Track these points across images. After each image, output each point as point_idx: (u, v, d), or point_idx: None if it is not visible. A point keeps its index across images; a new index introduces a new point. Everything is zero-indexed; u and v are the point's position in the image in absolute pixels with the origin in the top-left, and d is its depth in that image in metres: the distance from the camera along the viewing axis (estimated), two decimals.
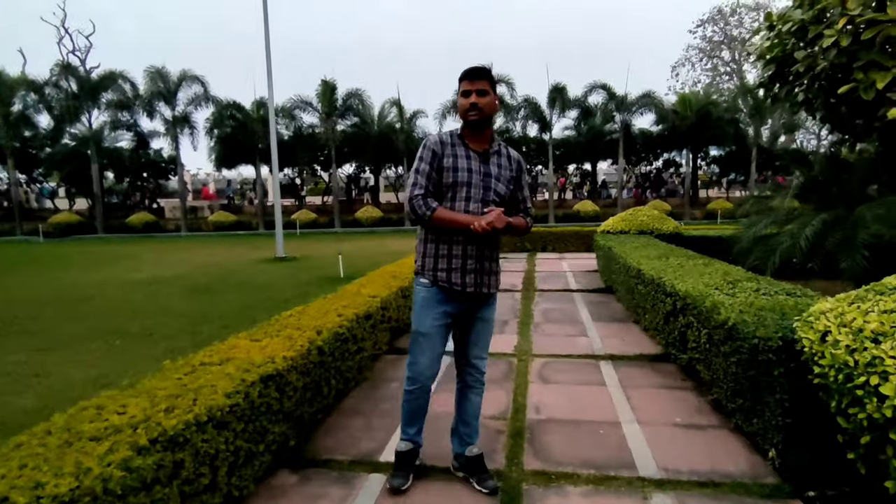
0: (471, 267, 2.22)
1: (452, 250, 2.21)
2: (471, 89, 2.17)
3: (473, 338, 2.38)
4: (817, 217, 4.67)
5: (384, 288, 4.70)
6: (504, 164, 2.30)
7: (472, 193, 2.20)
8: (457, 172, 2.20)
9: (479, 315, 2.36)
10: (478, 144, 2.26)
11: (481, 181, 2.22)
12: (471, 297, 2.27)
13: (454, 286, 2.22)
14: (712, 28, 32.54)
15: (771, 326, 2.46)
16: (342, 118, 23.92)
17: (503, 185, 2.26)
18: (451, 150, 2.23)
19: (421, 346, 2.31)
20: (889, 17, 3.87)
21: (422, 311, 2.29)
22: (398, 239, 17.68)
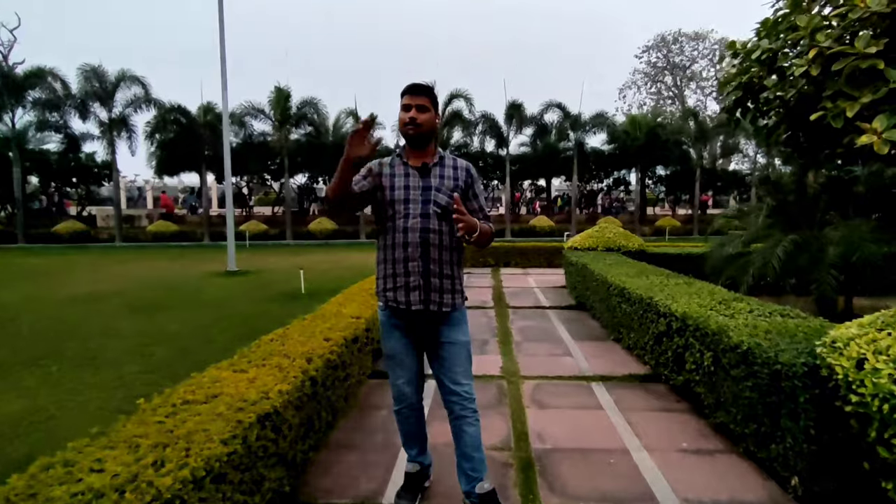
0: (414, 283, 2.13)
1: (396, 268, 2.16)
2: (411, 104, 2.13)
3: (446, 364, 2.25)
4: (787, 238, 4.87)
5: (365, 307, 4.43)
6: (448, 175, 2.22)
7: (411, 209, 2.15)
8: (393, 191, 2.17)
9: (443, 338, 2.22)
10: (417, 160, 2.21)
11: (420, 195, 2.16)
12: (421, 316, 2.17)
13: (400, 305, 2.16)
14: (656, 54, 34.59)
15: (789, 351, 2.44)
16: (296, 127, 23.23)
17: (444, 195, 2.16)
18: (390, 171, 2.21)
19: (393, 369, 2.32)
20: (856, 50, 4.09)
21: (384, 335, 2.31)
22: (354, 252, 17.23)
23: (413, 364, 2.31)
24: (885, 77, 4.06)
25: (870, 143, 4.08)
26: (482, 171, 24.85)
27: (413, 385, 2.33)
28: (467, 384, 2.26)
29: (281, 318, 7.06)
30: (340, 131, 24.19)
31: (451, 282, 2.21)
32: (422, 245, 2.13)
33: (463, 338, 2.27)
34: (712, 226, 6.70)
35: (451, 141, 22.79)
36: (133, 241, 22.52)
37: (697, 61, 33.81)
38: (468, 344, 2.30)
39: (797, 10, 4.75)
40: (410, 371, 2.31)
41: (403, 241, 2.14)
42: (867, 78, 4.23)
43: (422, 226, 2.14)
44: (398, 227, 2.16)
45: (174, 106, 22.51)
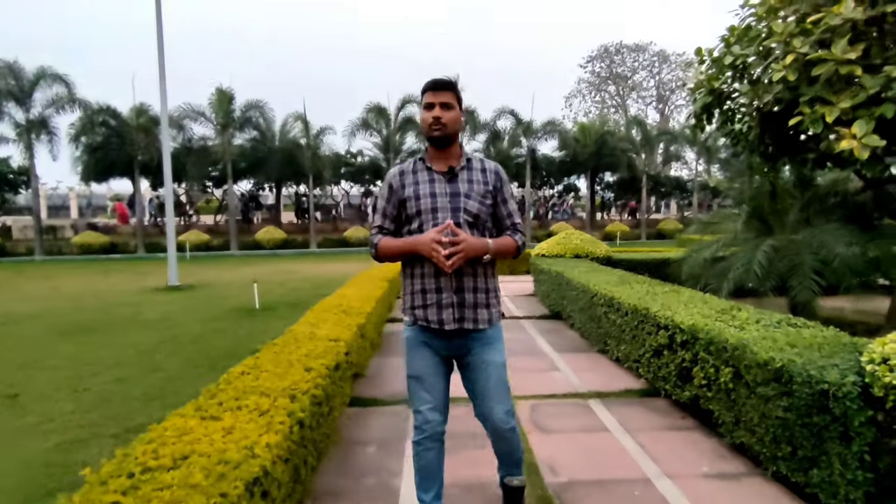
0: (446, 300, 1.96)
1: (425, 283, 1.99)
2: (434, 102, 1.95)
3: (479, 388, 2.07)
4: (766, 243, 4.88)
5: (341, 327, 3.98)
6: (476, 179, 2.03)
7: (439, 218, 1.96)
8: (419, 200, 1.99)
9: (477, 357, 2.04)
10: (442, 164, 2.03)
11: (449, 202, 1.98)
12: (455, 335, 2.00)
13: (431, 324, 1.99)
14: (600, 64, 35.82)
15: (830, 369, 2.28)
16: (240, 131, 22.05)
17: (475, 202, 2.00)
18: (412, 178, 2.03)
19: (417, 392, 2.10)
20: (834, 56, 4.14)
21: (409, 354, 2.12)
22: (307, 263, 16.46)
23: (442, 388, 2.09)
24: (862, 83, 4.11)
25: (848, 148, 4.11)
26: None
27: (439, 412, 2.09)
28: (502, 411, 2.06)
29: (236, 337, 6.48)
30: (288, 136, 23.22)
31: (485, 295, 2.03)
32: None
33: (498, 358, 2.07)
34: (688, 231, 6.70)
35: (403, 147, 22.42)
36: (56, 255, 20.51)
37: (638, 72, 35.42)
38: (504, 365, 2.09)
39: (772, 16, 4.79)
40: (438, 395, 2.08)
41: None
42: (843, 84, 4.28)
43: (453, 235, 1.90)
44: None
45: (102, 107, 20.78)
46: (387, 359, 5.17)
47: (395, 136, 21.49)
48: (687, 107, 33.37)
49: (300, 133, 22.42)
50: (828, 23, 4.21)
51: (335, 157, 23.87)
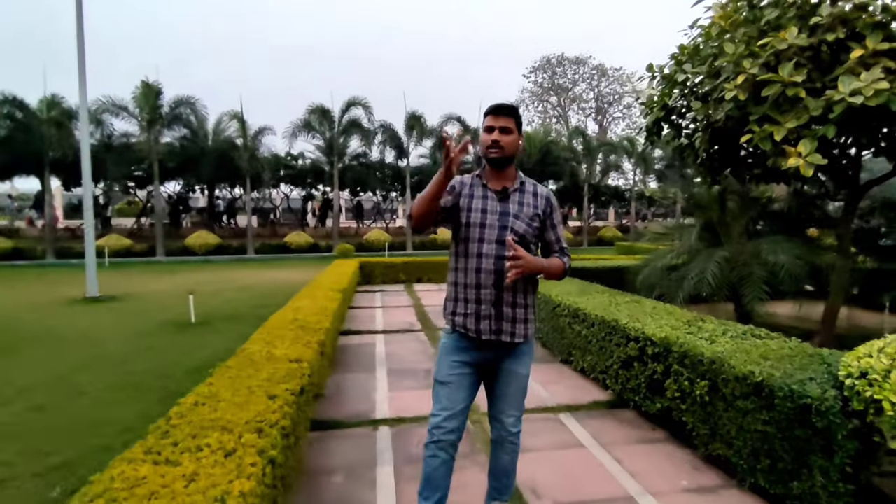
0: (485, 312, 2.07)
1: (467, 293, 2.09)
2: (494, 126, 2.06)
3: (499, 391, 2.21)
4: (717, 254, 5.10)
5: (301, 346, 3.69)
6: (527, 202, 2.15)
7: (486, 234, 2.07)
8: (470, 213, 2.10)
9: (505, 366, 2.17)
10: (497, 183, 2.14)
11: (497, 220, 2.09)
12: (491, 346, 2.11)
13: (469, 333, 2.09)
14: (542, 75, 36.96)
15: (809, 383, 2.33)
16: (168, 128, 20.57)
17: (523, 223, 2.10)
18: (469, 191, 2.14)
19: (438, 396, 2.16)
20: (781, 78, 4.38)
21: (441, 358, 2.20)
22: (244, 269, 15.57)
23: (466, 397, 2.16)
24: (806, 105, 4.38)
25: (794, 166, 4.36)
26: (381, 183, 24.26)
27: (457, 420, 2.13)
28: (514, 416, 2.22)
29: (170, 356, 5.90)
30: (222, 136, 21.98)
31: (524, 311, 2.12)
32: (496, 273, 2.05)
33: (524, 370, 2.21)
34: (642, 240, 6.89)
35: (347, 150, 21.89)
36: None
37: (578, 84, 36.88)
38: (527, 377, 2.24)
39: (723, 37, 5.02)
40: (461, 403, 2.13)
41: (476, 267, 2.07)
42: (789, 105, 4.54)
43: (497, 253, 2.05)
44: (472, 251, 2.08)
45: (7, 97, 18.68)
46: (345, 375, 4.89)
47: (339, 138, 20.90)
48: (624, 119, 35.29)
49: (236, 133, 21.28)
50: (775, 46, 4.46)
51: (275, 158, 22.87)
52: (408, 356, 5.55)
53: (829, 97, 4.15)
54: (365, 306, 8.59)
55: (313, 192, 26.62)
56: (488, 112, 2.09)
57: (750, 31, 4.98)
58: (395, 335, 6.51)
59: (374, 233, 21.70)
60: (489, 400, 2.25)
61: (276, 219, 29.03)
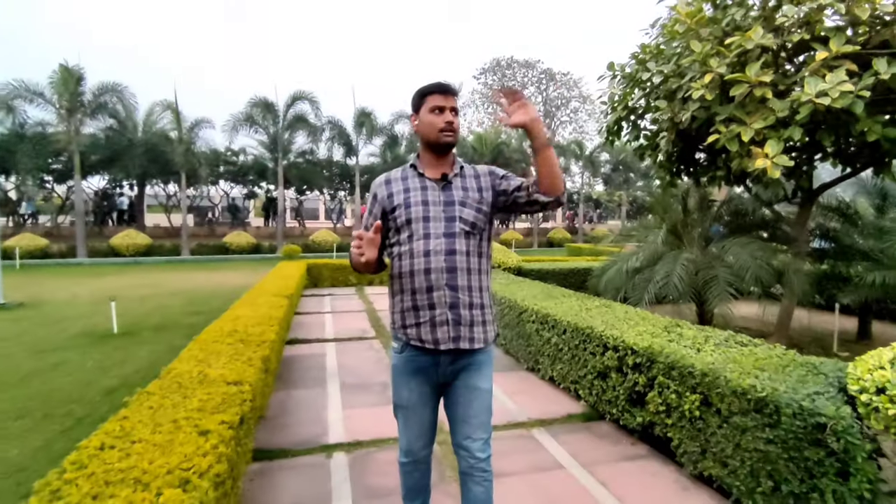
0: (441, 317, 1.82)
1: (417, 300, 1.83)
2: (444, 106, 1.84)
3: (460, 414, 1.93)
4: (682, 256, 5.01)
5: (242, 364, 3.17)
6: (470, 185, 1.92)
7: (432, 229, 1.83)
8: (409, 208, 1.85)
9: (463, 382, 1.91)
10: (436, 171, 1.91)
11: (442, 212, 1.85)
12: (449, 355, 1.87)
13: (426, 344, 1.84)
14: (492, 77, 37.13)
15: (821, 400, 2.13)
16: (92, 117, 18.78)
17: (471, 210, 1.87)
18: (402, 185, 1.90)
19: (403, 420, 1.99)
20: (748, 77, 4.32)
21: (396, 381, 1.98)
22: (177, 273, 14.39)
23: (429, 416, 1.98)
24: (772, 106, 4.33)
25: (762, 167, 4.29)
26: (329, 182, 23.36)
27: (424, 440, 2.01)
28: (481, 440, 1.92)
29: (84, 374, 5.10)
30: (154, 127, 20.37)
31: (481, 312, 1.89)
32: (448, 271, 1.81)
33: (485, 384, 1.94)
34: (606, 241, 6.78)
35: (293, 146, 20.89)
36: None
37: (527, 87, 37.30)
38: (490, 392, 1.96)
39: (690, 34, 4.93)
40: (424, 424, 1.98)
41: (426, 267, 1.81)
42: (755, 105, 4.48)
43: (447, 247, 1.82)
44: (418, 250, 1.82)
45: None
46: (292, 392, 4.38)
47: (283, 134, 19.87)
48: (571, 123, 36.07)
49: (170, 125, 19.78)
50: (742, 45, 4.39)
51: (213, 153, 21.49)
52: (362, 367, 5.09)
53: (796, 98, 4.10)
54: (313, 312, 8.01)
55: (256, 191, 25.28)
56: (433, 90, 1.85)
57: (714, 30, 4.92)
58: (348, 343, 6.02)
59: (322, 233, 20.84)
60: (451, 426, 1.97)
61: (215, 218, 27.39)
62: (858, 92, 3.85)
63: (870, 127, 4.10)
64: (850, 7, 4.14)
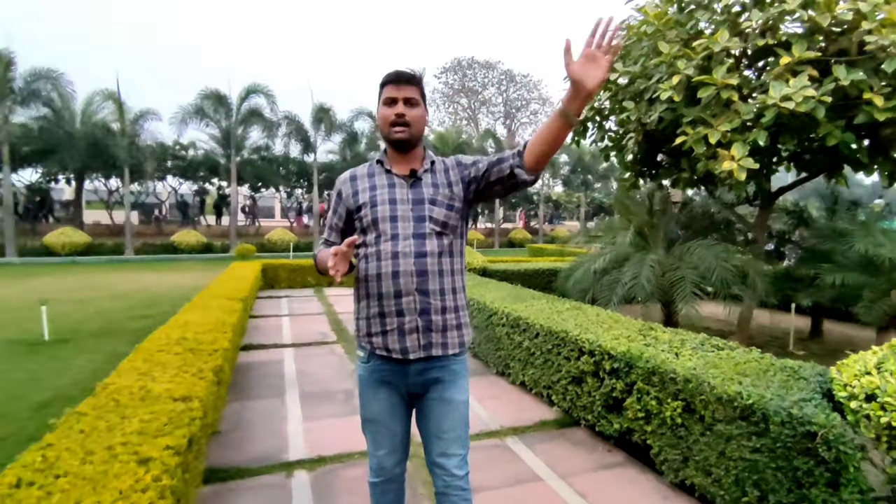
0: (410, 324, 1.68)
1: (384, 305, 1.69)
2: (396, 97, 1.68)
3: (434, 429, 1.77)
4: (649, 257, 5.02)
5: (191, 377, 2.85)
6: (440, 181, 1.76)
7: (401, 229, 1.69)
8: (375, 208, 1.71)
9: (437, 394, 1.75)
10: (403, 167, 1.76)
11: (411, 210, 1.71)
12: (419, 364, 1.72)
13: (393, 354, 1.70)
14: (453, 77, 37.04)
15: (810, 407, 2.08)
16: (24, 106, 17.32)
17: (442, 209, 1.72)
18: (368, 183, 1.75)
19: (372, 435, 1.84)
20: (714, 80, 4.34)
21: (363, 394, 1.83)
22: (120, 274, 13.47)
23: (399, 430, 1.82)
24: (738, 110, 4.37)
25: (728, 169, 4.33)
26: (285, 180, 22.60)
27: (397, 455, 1.84)
28: (457, 456, 1.77)
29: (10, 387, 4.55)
30: (93, 118, 19.03)
31: (455, 315, 1.74)
32: (418, 274, 1.67)
33: (460, 396, 1.78)
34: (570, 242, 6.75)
35: (247, 142, 20.03)
36: None
37: (488, 88, 37.47)
38: (466, 404, 1.81)
39: (657, 35, 4.93)
40: (395, 439, 1.82)
41: (394, 270, 1.66)
42: (721, 108, 4.52)
43: (416, 249, 1.67)
44: (385, 251, 1.68)
45: None
46: (246, 402, 4.06)
47: (237, 128, 19.01)
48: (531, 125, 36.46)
49: (112, 116, 18.55)
50: (709, 48, 4.41)
51: (160, 147, 20.33)
52: (323, 374, 4.81)
53: (761, 102, 4.15)
54: (269, 315, 7.61)
55: (207, 187, 24.16)
56: (386, 81, 1.70)
57: (680, 33, 4.95)
58: (307, 349, 5.71)
59: (278, 232, 20.12)
60: (425, 442, 1.81)
61: (163, 215, 26.02)
62: (820, 97, 3.93)
63: (830, 132, 4.20)
64: (811, 16, 4.24)
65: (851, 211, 5.92)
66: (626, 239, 5.19)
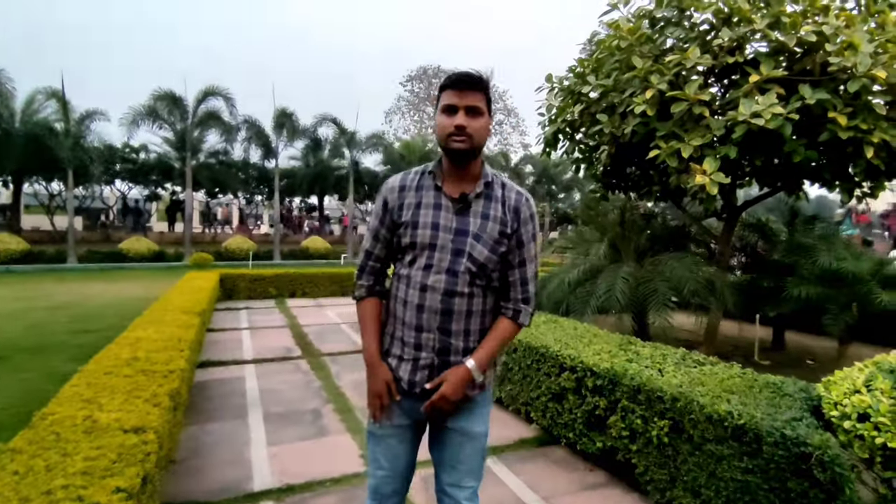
0: (425, 361, 1.56)
1: (405, 334, 1.58)
2: (458, 105, 1.50)
3: (448, 458, 1.65)
4: (623, 269, 5.03)
5: (143, 401, 2.58)
6: (493, 215, 1.57)
7: (436, 260, 1.54)
8: (416, 230, 1.56)
9: (453, 424, 1.62)
10: (456, 186, 1.58)
11: (451, 242, 1.54)
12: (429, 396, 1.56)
13: (401, 383, 1.59)
14: (418, 85, 36.98)
15: (802, 427, 2.05)
16: None
17: (485, 248, 1.54)
18: (415, 197, 1.59)
19: (376, 455, 1.68)
20: (687, 95, 4.41)
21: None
22: (61, 284, 12.56)
23: (403, 452, 1.66)
24: (709, 125, 4.45)
25: (701, 183, 4.39)
26: (245, 186, 21.86)
27: (395, 483, 1.67)
28: (469, 488, 1.66)
29: None
30: (34, 118, 17.83)
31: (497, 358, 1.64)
32: (443, 313, 1.53)
33: (479, 428, 1.65)
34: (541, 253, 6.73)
35: (203, 145, 19.27)
36: None
37: None
38: (486, 436, 1.68)
39: (630, 51, 4.98)
40: (397, 462, 1.66)
41: (419, 303, 1.54)
42: (693, 123, 4.59)
43: (446, 287, 1.52)
44: (415, 280, 1.55)
45: None
46: (205, 426, 3.76)
47: (193, 131, 18.24)
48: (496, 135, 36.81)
49: (56, 115, 17.45)
50: (682, 63, 4.48)
51: (108, 149, 19.28)
52: (288, 393, 4.55)
53: (732, 118, 4.24)
54: (229, 328, 7.22)
55: (159, 192, 23.07)
56: (447, 85, 1.53)
57: (652, 48, 5.02)
58: (270, 365, 5.42)
59: (236, 240, 19.37)
60: (437, 468, 1.70)
61: (110, 221, 24.65)
62: (788, 114, 4.04)
63: (795, 149, 4.33)
64: (776, 37, 4.37)
65: (810, 225, 6.17)
66: (601, 251, 5.19)
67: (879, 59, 3.99)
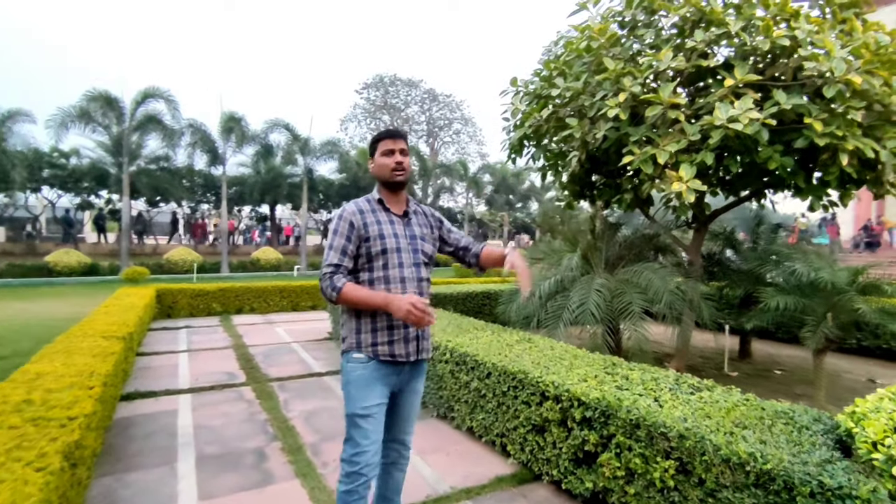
0: (413, 333, 2.05)
1: (393, 320, 1.99)
2: (394, 148, 2.07)
3: (402, 413, 2.17)
4: (595, 281, 4.75)
5: (22, 464, 1.99)
6: (423, 223, 2.21)
7: (404, 258, 2.05)
8: (384, 239, 2.04)
9: (411, 386, 2.16)
10: (396, 207, 2.13)
11: (409, 244, 2.09)
12: (410, 365, 2.10)
13: (398, 358, 2.02)
14: (374, 93, 36.36)
15: (837, 471, 1.75)
16: None
17: (429, 245, 2.18)
18: (373, 217, 2.07)
19: (364, 431, 1.98)
20: (661, 99, 4.20)
21: (361, 391, 2.01)
22: None
23: (384, 423, 2.08)
24: (684, 130, 4.25)
25: (678, 190, 4.17)
26: (189, 193, 20.56)
27: (377, 445, 2.02)
28: (412, 433, 2.24)
29: None
30: None
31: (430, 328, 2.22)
32: (419, 295, 2.03)
33: (421, 387, 2.23)
34: None
35: (143, 151, 17.94)
36: None
37: (411, 106, 37.22)
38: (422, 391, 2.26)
39: (600, 53, 4.75)
40: (379, 433, 2.03)
41: (402, 292, 1.99)
42: (667, 128, 4.38)
43: (417, 275, 2.07)
44: (393, 276, 2.02)
45: None
46: (122, 476, 3.14)
47: (131, 135, 16.94)
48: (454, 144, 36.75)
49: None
50: (655, 66, 4.27)
51: (34, 154, 17.67)
52: (228, 429, 3.95)
53: (708, 123, 4.05)
54: (163, 351, 6.45)
55: (92, 200, 21.37)
56: (384, 136, 2.09)
57: (623, 51, 4.81)
58: (208, 395, 4.77)
59: (179, 251, 18.13)
60: (393, 424, 2.16)
61: (37, 231, 22.63)
62: (764, 120, 3.88)
63: (770, 155, 4.19)
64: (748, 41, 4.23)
65: (774, 234, 6.15)
66: (573, 262, 4.90)
67: (853, 65, 3.90)
